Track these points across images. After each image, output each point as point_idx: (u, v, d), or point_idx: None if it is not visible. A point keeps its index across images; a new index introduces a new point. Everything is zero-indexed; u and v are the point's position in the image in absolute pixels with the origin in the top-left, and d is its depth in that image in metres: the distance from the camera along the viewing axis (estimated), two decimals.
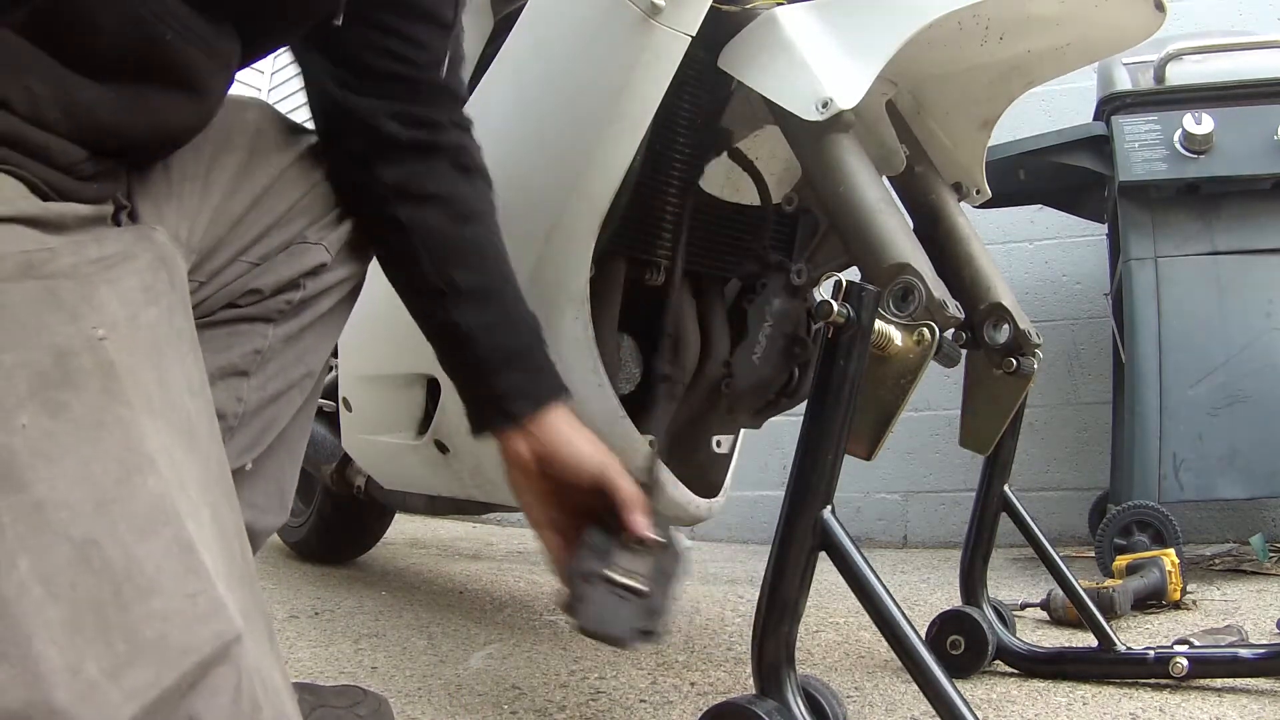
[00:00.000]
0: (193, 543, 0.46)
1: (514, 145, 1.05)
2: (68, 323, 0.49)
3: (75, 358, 0.48)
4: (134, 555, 0.44)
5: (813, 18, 0.96)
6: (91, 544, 0.43)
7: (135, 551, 0.44)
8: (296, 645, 1.37)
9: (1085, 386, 2.51)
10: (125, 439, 0.47)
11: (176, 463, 0.49)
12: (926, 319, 0.87)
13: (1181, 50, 1.89)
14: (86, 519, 0.44)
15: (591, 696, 1.13)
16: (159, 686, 0.42)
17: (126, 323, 0.52)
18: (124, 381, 0.49)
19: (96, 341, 0.49)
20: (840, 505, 0.84)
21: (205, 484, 0.51)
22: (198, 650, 0.44)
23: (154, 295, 0.56)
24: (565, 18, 1.00)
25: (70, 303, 0.50)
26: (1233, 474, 1.78)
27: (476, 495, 1.35)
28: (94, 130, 0.59)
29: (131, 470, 0.46)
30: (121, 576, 0.43)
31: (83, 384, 0.47)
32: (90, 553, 0.43)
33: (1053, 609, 1.50)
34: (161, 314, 0.55)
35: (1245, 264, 1.85)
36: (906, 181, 1.17)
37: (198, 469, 0.51)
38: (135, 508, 0.45)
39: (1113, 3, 1.00)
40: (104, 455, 0.46)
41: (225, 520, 0.52)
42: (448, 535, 2.82)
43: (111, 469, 0.46)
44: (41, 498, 0.43)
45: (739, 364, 1.07)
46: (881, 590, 0.81)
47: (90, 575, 0.43)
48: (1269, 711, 1.03)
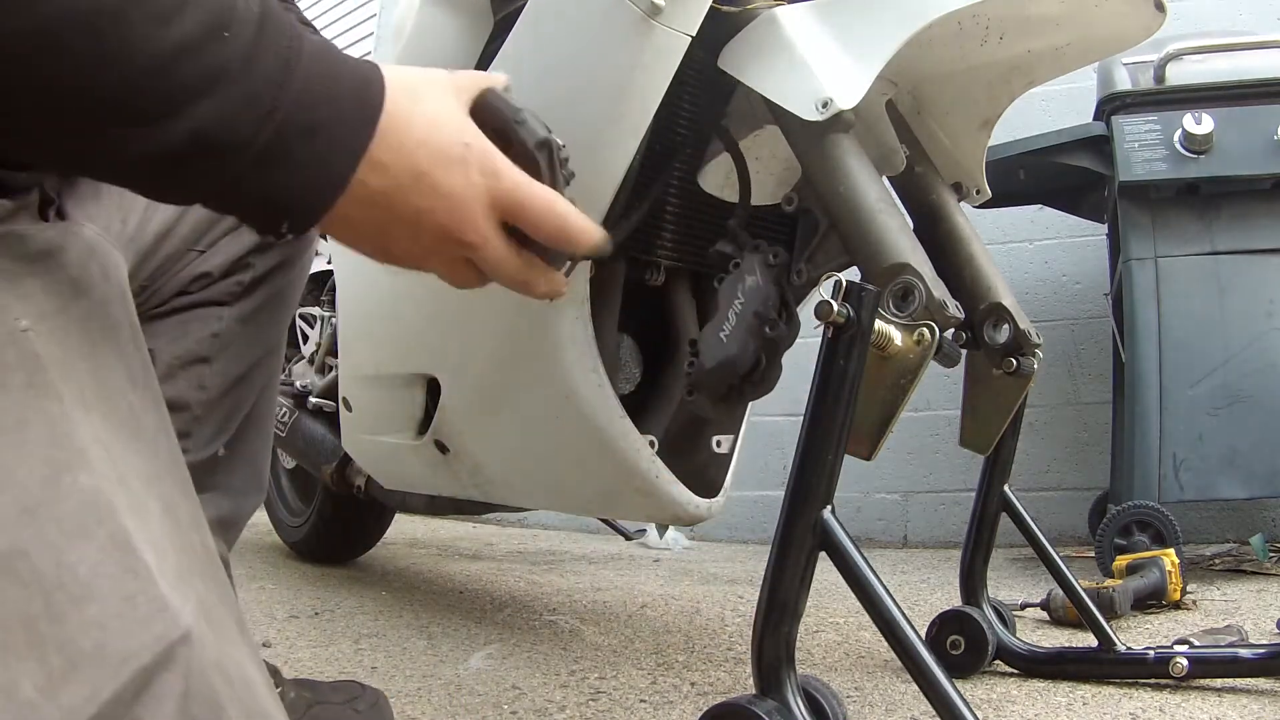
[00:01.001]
0: (129, 539, 0.44)
1: None
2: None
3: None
4: (65, 560, 0.41)
5: (813, 18, 0.96)
6: (18, 555, 0.41)
7: (67, 556, 0.41)
8: (296, 645, 1.37)
9: (1085, 386, 2.51)
10: (52, 435, 0.44)
11: (115, 456, 0.46)
12: (926, 319, 0.87)
13: (1181, 50, 1.89)
14: (11, 528, 0.41)
15: (591, 696, 1.13)
16: (98, 700, 0.40)
17: (55, 314, 0.48)
18: (51, 374, 0.46)
19: (19, 334, 0.46)
20: (840, 505, 0.84)
21: (152, 476, 0.48)
22: (138, 656, 0.41)
23: (83, 287, 0.52)
24: (565, 18, 1.00)
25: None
26: (1233, 474, 1.78)
27: (476, 495, 1.35)
28: None
29: (60, 469, 0.43)
30: (53, 585, 0.41)
31: (4, 381, 0.44)
32: (17, 565, 0.40)
33: (1053, 609, 1.50)
34: (94, 305, 0.52)
35: (1245, 264, 1.85)
36: (906, 181, 1.16)
37: (142, 462, 0.48)
38: (65, 509, 0.43)
39: (1113, 3, 1.00)
40: (29, 457, 0.43)
41: (180, 512, 0.49)
42: (448, 535, 2.82)
43: (37, 470, 0.43)
44: None
45: (705, 341, 1.05)
46: (881, 590, 0.81)
47: (19, 588, 0.40)
48: (1269, 711, 1.03)
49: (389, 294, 1.26)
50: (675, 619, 1.58)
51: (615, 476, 1.13)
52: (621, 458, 1.10)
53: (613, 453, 1.10)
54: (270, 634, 1.43)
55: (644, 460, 1.11)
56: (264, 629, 1.46)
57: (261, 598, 1.72)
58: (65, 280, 0.51)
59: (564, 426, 1.12)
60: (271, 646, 1.36)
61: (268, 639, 1.39)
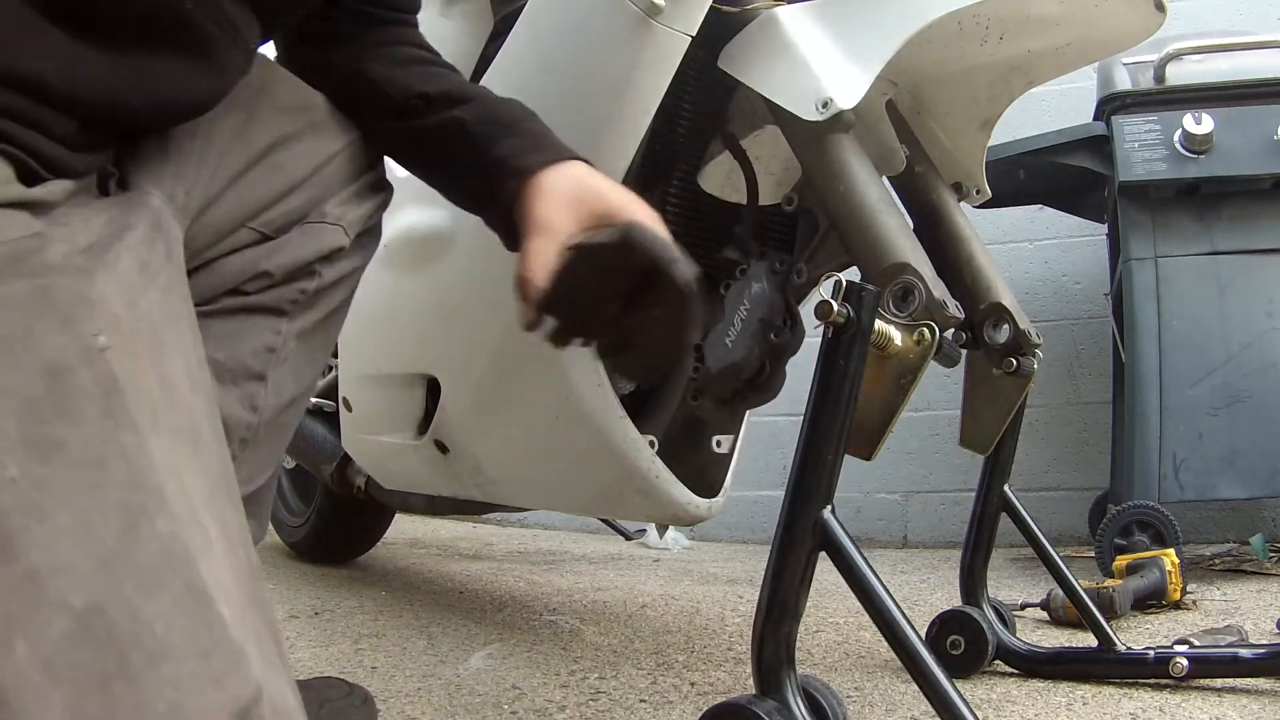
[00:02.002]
0: (205, 588, 0.42)
1: None
2: (61, 331, 0.44)
3: (71, 376, 0.43)
4: (141, 616, 0.40)
5: (813, 18, 0.96)
6: (94, 611, 0.39)
7: (143, 611, 0.40)
8: (296, 645, 1.37)
9: (1085, 386, 2.51)
10: (130, 474, 0.43)
11: (184, 482, 0.45)
12: (926, 319, 0.87)
13: (1181, 50, 1.89)
14: (87, 582, 0.39)
15: (591, 696, 1.13)
16: None
17: (127, 313, 0.47)
18: (127, 397, 0.44)
19: (96, 353, 0.44)
20: (840, 505, 0.84)
21: (211, 493, 0.47)
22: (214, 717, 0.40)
23: (151, 273, 0.51)
24: (565, 18, 1.00)
25: (64, 304, 0.45)
26: (1233, 474, 1.78)
27: (476, 495, 1.35)
28: (95, 106, 0.56)
29: (137, 514, 0.42)
30: (128, 643, 0.39)
31: (80, 411, 0.42)
32: (93, 622, 0.39)
33: (1053, 609, 1.50)
34: (159, 295, 0.51)
35: (1245, 264, 1.85)
36: (906, 181, 1.16)
37: (203, 478, 0.47)
38: (142, 559, 0.41)
39: (1113, 3, 1.00)
40: (105, 503, 0.41)
41: (231, 529, 0.48)
42: (448, 535, 2.82)
43: (114, 519, 0.41)
44: (35, 566, 0.39)
45: (710, 345, 1.05)
46: (881, 590, 0.81)
47: (93, 649, 0.38)
48: (1269, 711, 1.03)
49: (389, 294, 1.26)
50: (675, 619, 1.58)
51: (615, 476, 1.13)
52: (621, 458, 1.10)
53: (613, 453, 1.10)
54: None
55: (644, 460, 1.11)
56: None
57: None
58: (134, 268, 0.50)
59: (564, 426, 1.12)
60: None
61: None
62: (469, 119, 0.77)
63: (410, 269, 1.21)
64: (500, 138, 0.77)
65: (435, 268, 1.18)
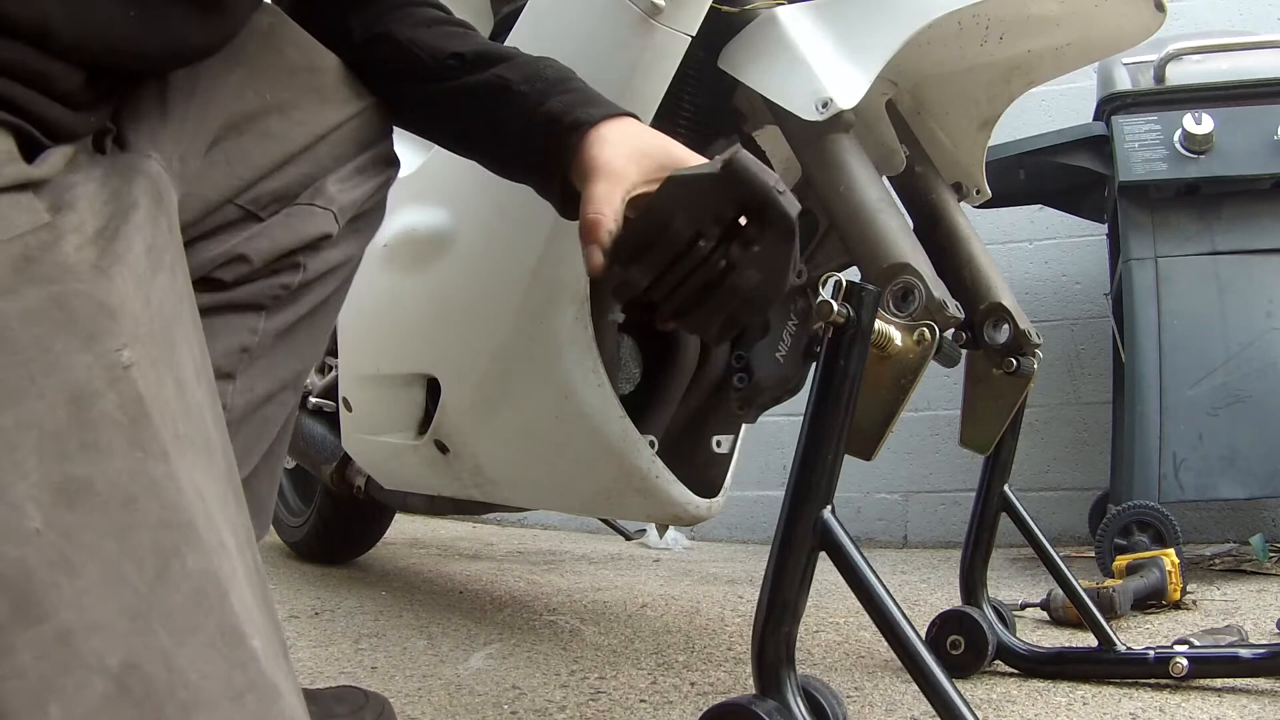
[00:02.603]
0: (237, 625, 0.41)
1: None
2: (83, 349, 0.41)
3: (96, 401, 0.40)
4: (176, 666, 0.38)
5: (813, 18, 0.96)
6: (130, 669, 0.37)
7: (177, 660, 0.38)
8: (296, 645, 1.37)
9: (1085, 386, 2.51)
10: (161, 511, 0.40)
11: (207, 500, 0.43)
12: (926, 319, 0.87)
13: (1181, 50, 1.89)
14: (122, 639, 0.37)
15: (591, 696, 1.13)
16: None
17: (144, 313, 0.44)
18: (154, 420, 0.42)
19: (121, 371, 0.41)
20: (840, 505, 0.84)
21: (224, 497, 0.45)
22: None
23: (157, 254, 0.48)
24: (565, 17, 1.00)
25: (84, 316, 0.41)
26: (1233, 474, 1.78)
27: (476, 495, 1.35)
28: (105, 51, 0.53)
29: (169, 555, 0.40)
30: (164, 697, 0.37)
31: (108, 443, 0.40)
32: (129, 680, 0.37)
33: (1053, 609, 1.50)
34: (166, 279, 0.48)
35: (1245, 264, 1.85)
36: (906, 181, 1.16)
37: (217, 483, 0.45)
38: (175, 603, 0.39)
39: (1113, 3, 1.00)
40: (137, 547, 0.39)
41: (240, 532, 0.46)
42: (448, 535, 2.82)
43: (147, 564, 0.39)
44: (67, 625, 0.36)
45: (760, 360, 1.06)
46: (881, 590, 0.81)
47: (130, 708, 0.37)
48: (1269, 711, 1.03)
49: (389, 294, 1.26)
50: (675, 619, 1.58)
51: (615, 476, 1.13)
52: (621, 458, 1.10)
53: (612, 453, 1.10)
54: None
55: (644, 460, 1.11)
56: None
57: None
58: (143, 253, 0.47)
59: (564, 426, 1.12)
60: None
61: None
62: (513, 77, 0.73)
63: (410, 269, 1.21)
64: (550, 94, 0.72)
65: (435, 268, 1.18)
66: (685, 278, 0.68)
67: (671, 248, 0.67)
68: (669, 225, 0.66)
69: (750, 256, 0.66)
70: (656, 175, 0.69)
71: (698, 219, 0.66)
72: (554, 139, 0.71)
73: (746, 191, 0.65)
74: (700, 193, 0.66)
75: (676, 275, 0.68)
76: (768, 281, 0.67)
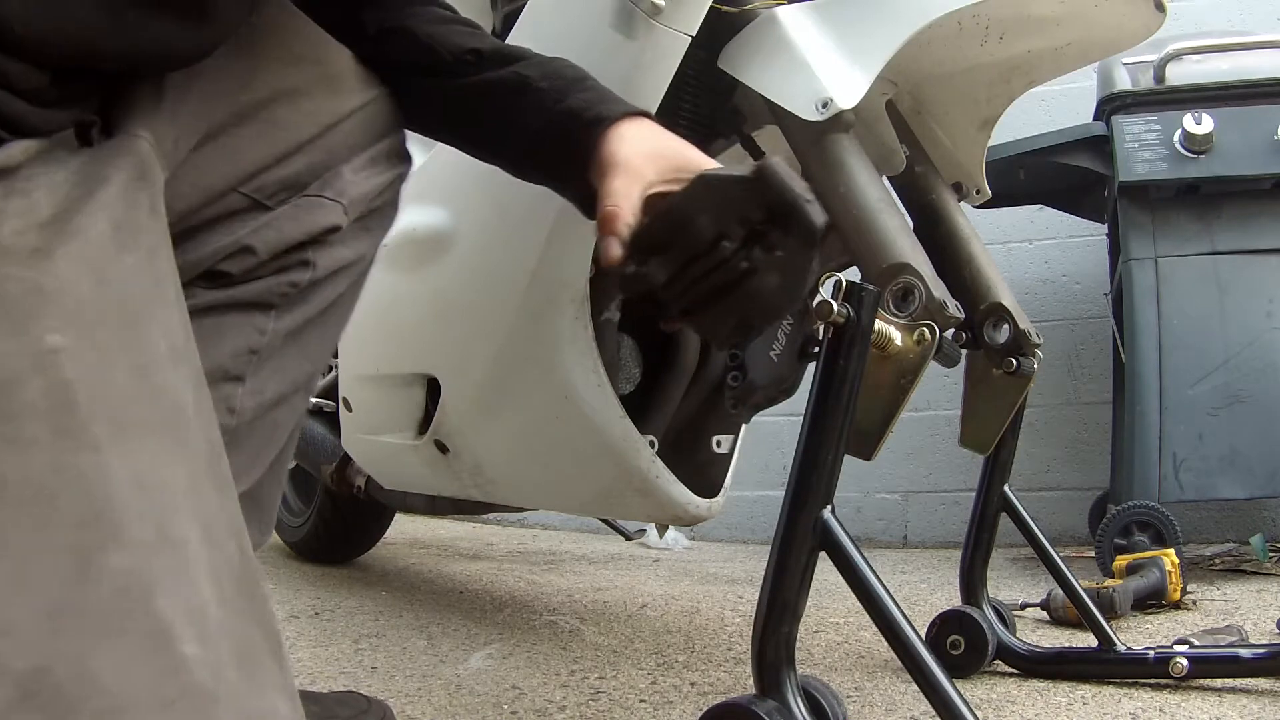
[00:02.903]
0: (168, 627, 0.38)
1: None
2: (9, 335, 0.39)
3: (18, 390, 0.38)
4: (91, 671, 0.36)
5: (813, 18, 0.96)
6: (38, 674, 0.35)
7: (93, 665, 0.36)
8: (296, 645, 1.37)
9: (1085, 386, 2.51)
10: (83, 506, 0.38)
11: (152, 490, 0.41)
12: (926, 319, 0.87)
13: (1181, 50, 1.89)
14: (33, 641, 0.35)
15: (591, 696, 1.13)
16: None
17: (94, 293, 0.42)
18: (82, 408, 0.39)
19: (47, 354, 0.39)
20: (840, 505, 0.84)
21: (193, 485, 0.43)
22: None
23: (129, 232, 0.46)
24: (565, 17, 1.00)
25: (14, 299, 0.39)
26: (1233, 474, 1.78)
27: (476, 495, 1.35)
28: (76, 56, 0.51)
29: (90, 552, 0.37)
30: (76, 702, 0.35)
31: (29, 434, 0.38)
32: (36, 686, 0.35)
33: (1053, 609, 1.50)
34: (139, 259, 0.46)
35: (1245, 264, 1.85)
36: (906, 181, 1.16)
37: (184, 473, 0.43)
38: (94, 605, 0.37)
39: (1113, 3, 1.00)
40: (52, 546, 0.37)
41: (217, 523, 0.44)
42: (448, 535, 2.82)
43: (63, 563, 0.37)
44: None
45: (755, 360, 1.06)
46: (881, 590, 0.81)
47: (34, 712, 0.34)
48: (1269, 711, 1.03)
49: (389, 294, 1.26)
50: (675, 619, 1.58)
51: (615, 476, 1.13)
52: (621, 458, 1.10)
53: (612, 453, 1.10)
54: None
55: (644, 460, 1.11)
56: None
57: None
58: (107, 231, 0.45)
59: (564, 426, 1.12)
60: None
61: None
62: (532, 74, 0.72)
63: (410, 269, 1.21)
64: (569, 91, 0.72)
65: (435, 268, 1.18)
66: (703, 276, 0.68)
67: (694, 245, 0.67)
68: (694, 223, 0.67)
69: (772, 261, 0.67)
70: (673, 175, 0.69)
71: (724, 219, 0.67)
72: (574, 135, 0.70)
73: (775, 197, 0.66)
74: (729, 194, 0.67)
75: (694, 273, 0.68)
76: (787, 287, 0.68)
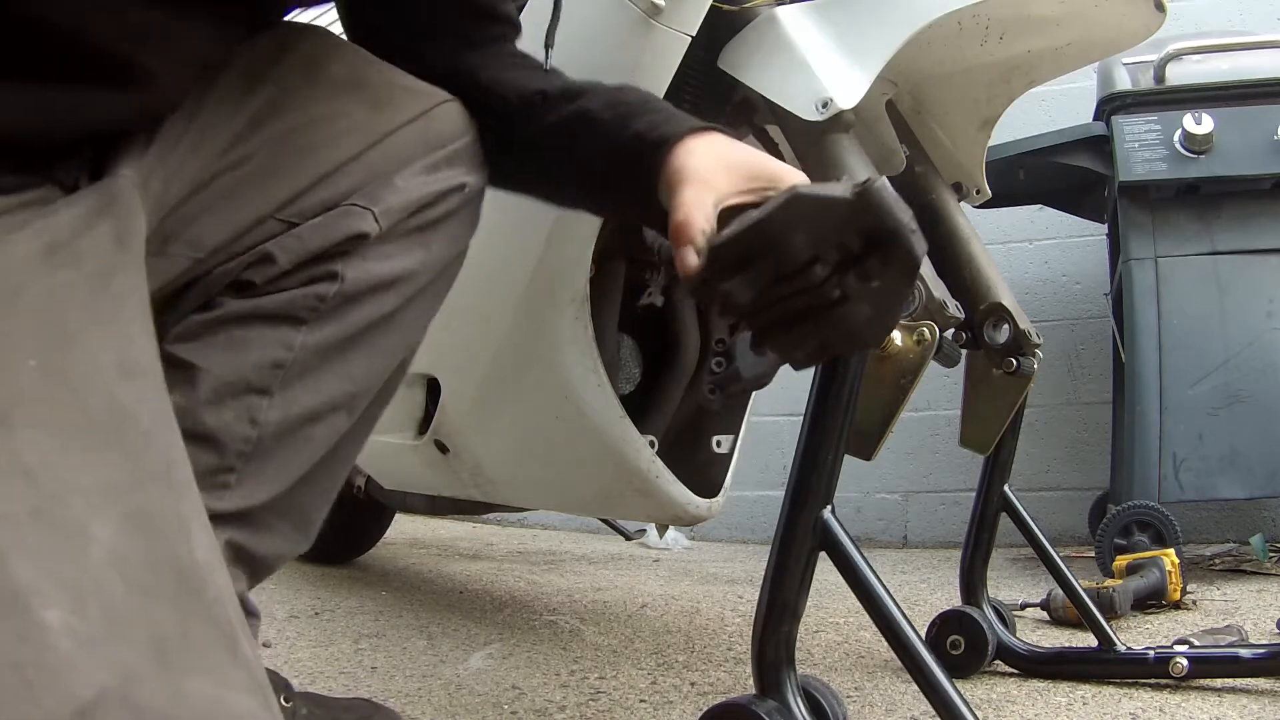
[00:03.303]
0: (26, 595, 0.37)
1: None
2: None
3: None
4: None
5: (813, 18, 0.96)
6: None
7: None
8: (296, 645, 1.37)
9: (1085, 386, 2.51)
10: None
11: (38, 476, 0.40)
12: (926, 319, 0.87)
13: (1181, 50, 1.89)
14: None
15: (591, 696, 1.13)
16: None
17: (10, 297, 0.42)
18: None
19: None
20: (840, 505, 0.84)
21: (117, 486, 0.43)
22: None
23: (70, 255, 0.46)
24: (565, 18, 1.00)
25: None
26: (1233, 474, 1.78)
27: (476, 495, 1.35)
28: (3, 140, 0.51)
29: None
30: None
31: None
32: None
33: (1053, 609, 1.50)
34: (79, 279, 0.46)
35: (1245, 264, 1.85)
36: (906, 181, 1.16)
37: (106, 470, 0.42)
38: None
39: (1113, 3, 1.00)
40: None
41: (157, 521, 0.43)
42: (448, 535, 2.82)
43: None
44: None
45: (741, 351, 1.06)
46: (881, 590, 0.81)
47: None
48: (1269, 711, 1.03)
49: None
50: (675, 619, 1.58)
51: (615, 476, 1.13)
52: (621, 458, 1.10)
53: (612, 453, 1.10)
54: (270, 634, 1.43)
55: (644, 460, 1.11)
56: (264, 629, 1.46)
57: (261, 598, 1.71)
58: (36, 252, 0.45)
59: (564, 426, 1.12)
60: (272, 647, 1.36)
61: (268, 639, 1.39)
62: (595, 107, 0.70)
63: None
64: (634, 116, 0.68)
65: None
66: (789, 298, 0.63)
67: (783, 265, 0.62)
68: (786, 241, 0.62)
69: (866, 290, 0.62)
70: (748, 186, 0.66)
71: (820, 241, 0.61)
72: (643, 159, 0.67)
73: (879, 223, 0.60)
74: (828, 214, 0.61)
75: (780, 293, 0.63)
76: (878, 318, 0.64)
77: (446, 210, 0.69)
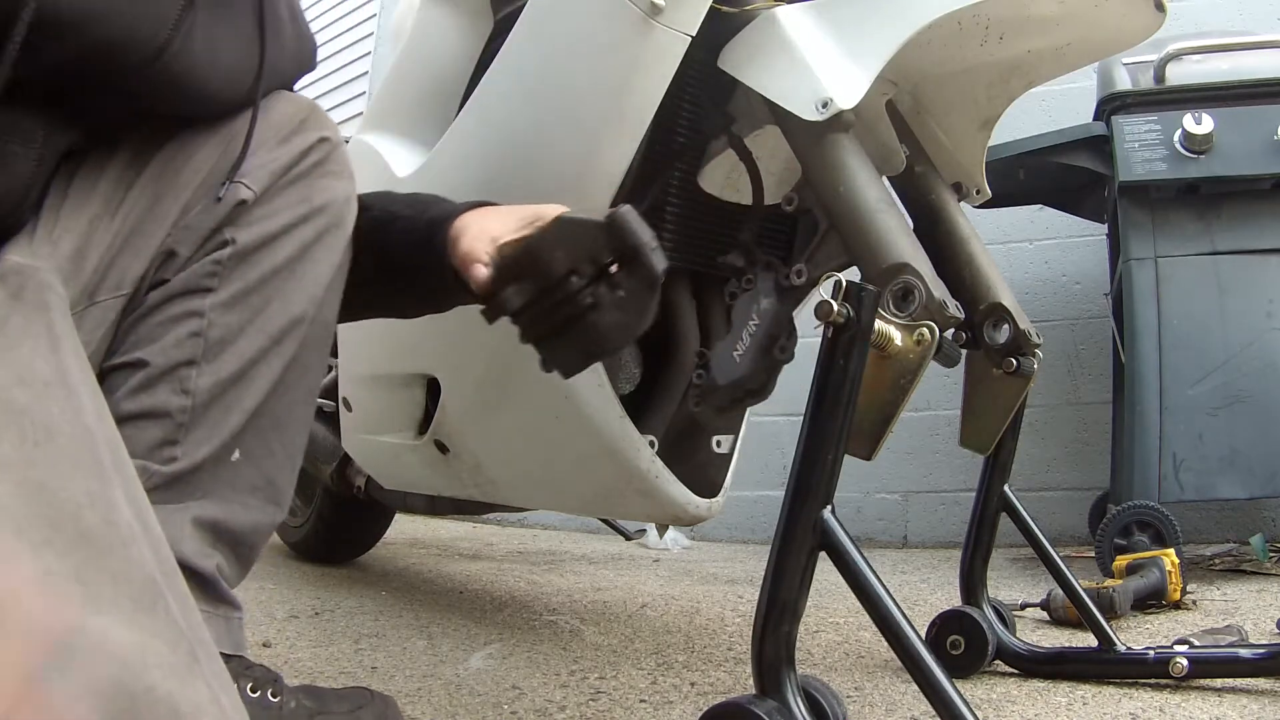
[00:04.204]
0: None
1: (514, 145, 1.05)
2: None
3: None
4: None
5: (813, 18, 0.96)
6: None
7: None
8: (296, 645, 1.37)
9: (1085, 386, 2.51)
10: None
11: None
12: (926, 319, 0.87)
13: (1181, 50, 1.89)
14: None
15: (591, 696, 1.13)
16: None
17: None
18: None
19: None
20: (840, 505, 0.84)
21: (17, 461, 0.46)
22: None
23: None
24: (565, 18, 1.00)
25: None
26: (1233, 474, 1.78)
27: (476, 495, 1.35)
28: None
29: None
30: None
31: None
32: None
33: (1053, 609, 1.50)
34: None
35: (1245, 264, 1.85)
36: (906, 181, 1.16)
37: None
38: None
39: (1113, 3, 1.00)
40: None
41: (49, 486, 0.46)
42: (448, 535, 2.82)
43: None
44: None
45: (718, 359, 1.06)
46: (881, 590, 0.81)
47: None
48: (1269, 711, 1.03)
49: None
50: (675, 619, 1.58)
51: (615, 476, 1.13)
52: (621, 458, 1.10)
53: (612, 453, 1.10)
54: (270, 634, 1.43)
55: (644, 460, 1.11)
56: (264, 629, 1.46)
57: (261, 598, 1.72)
58: None
59: (564, 426, 1.12)
60: (271, 646, 1.36)
61: (268, 639, 1.39)
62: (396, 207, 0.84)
63: None
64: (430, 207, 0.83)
65: None
66: (552, 307, 0.76)
67: (547, 277, 0.76)
68: (550, 256, 0.76)
69: (615, 299, 0.76)
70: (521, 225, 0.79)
71: (576, 257, 0.76)
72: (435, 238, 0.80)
73: (622, 241, 0.75)
74: (583, 235, 0.76)
75: (544, 303, 0.77)
76: (625, 324, 0.77)
77: (315, 161, 0.78)
